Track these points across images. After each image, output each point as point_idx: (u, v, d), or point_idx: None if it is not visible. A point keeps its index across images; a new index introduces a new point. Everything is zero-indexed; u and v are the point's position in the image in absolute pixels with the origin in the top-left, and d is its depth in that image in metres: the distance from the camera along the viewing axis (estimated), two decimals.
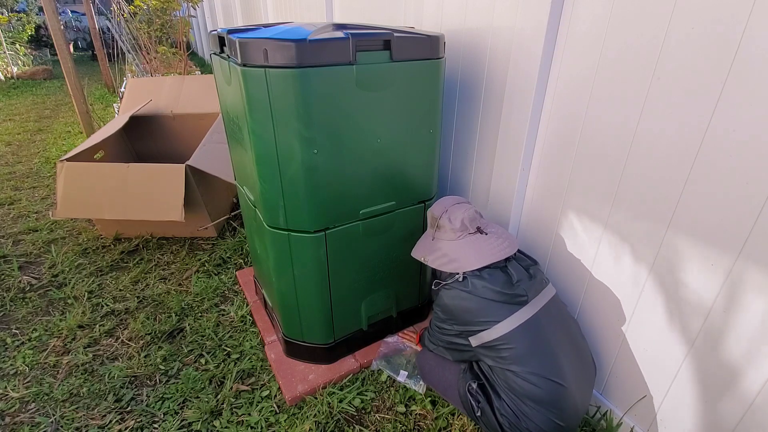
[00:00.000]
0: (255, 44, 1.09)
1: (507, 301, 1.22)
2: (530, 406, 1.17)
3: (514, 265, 1.27)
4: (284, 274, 1.47)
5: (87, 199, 2.28)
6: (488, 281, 1.23)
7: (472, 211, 1.35)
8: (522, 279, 1.24)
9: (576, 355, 1.27)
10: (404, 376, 1.60)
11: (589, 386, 1.30)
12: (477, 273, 1.26)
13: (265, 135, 1.21)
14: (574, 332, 1.31)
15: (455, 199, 1.41)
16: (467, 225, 1.32)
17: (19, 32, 9.16)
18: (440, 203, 1.42)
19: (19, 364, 1.73)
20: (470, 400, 1.29)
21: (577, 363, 1.26)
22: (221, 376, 1.66)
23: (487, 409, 1.25)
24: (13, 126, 5.09)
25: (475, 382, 1.30)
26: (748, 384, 1.02)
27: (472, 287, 1.24)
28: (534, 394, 1.17)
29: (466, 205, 1.38)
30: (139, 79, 3.31)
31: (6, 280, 2.24)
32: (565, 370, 1.20)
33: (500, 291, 1.21)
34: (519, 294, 1.22)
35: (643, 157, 1.11)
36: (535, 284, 1.27)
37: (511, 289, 1.22)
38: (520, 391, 1.18)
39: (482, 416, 1.26)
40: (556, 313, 1.28)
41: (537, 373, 1.17)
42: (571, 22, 1.21)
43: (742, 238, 0.94)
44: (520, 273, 1.25)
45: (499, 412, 1.22)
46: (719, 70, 0.91)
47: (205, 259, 2.42)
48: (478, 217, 1.37)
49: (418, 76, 1.32)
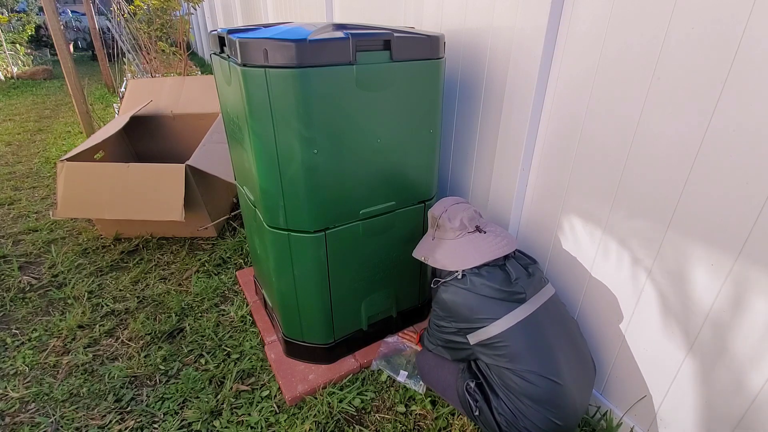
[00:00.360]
0: (255, 44, 1.09)
1: (505, 299, 1.22)
2: (527, 404, 1.17)
3: (512, 264, 1.28)
4: (284, 274, 1.47)
5: (87, 199, 2.28)
6: (487, 279, 1.24)
7: (471, 211, 1.37)
8: (520, 277, 1.25)
9: (575, 354, 1.27)
10: (404, 376, 1.61)
11: (589, 386, 1.30)
12: (476, 270, 1.27)
13: (265, 135, 1.21)
14: (573, 332, 1.31)
15: (455, 200, 1.43)
16: (466, 224, 1.34)
17: (19, 32, 9.16)
18: (440, 203, 1.44)
19: (19, 364, 1.73)
20: (468, 400, 1.29)
21: (576, 362, 1.26)
22: (221, 376, 1.66)
23: (485, 408, 1.25)
24: (13, 126, 5.09)
25: (473, 381, 1.30)
26: (748, 384, 1.02)
27: (470, 284, 1.24)
28: (531, 393, 1.17)
29: (466, 204, 1.41)
30: (140, 80, 3.32)
31: (6, 280, 2.24)
32: (563, 369, 1.20)
33: (498, 288, 1.22)
34: (517, 291, 1.22)
35: (643, 157, 1.11)
36: (534, 282, 1.27)
37: (510, 286, 1.23)
38: (517, 390, 1.19)
39: (480, 415, 1.27)
40: (554, 312, 1.29)
41: (534, 371, 1.17)
42: (571, 22, 1.21)
43: (742, 238, 0.94)
44: (518, 271, 1.26)
45: (496, 411, 1.22)
46: (719, 70, 0.91)
47: (205, 259, 2.42)
48: (477, 216, 1.38)
49: (418, 76, 1.32)
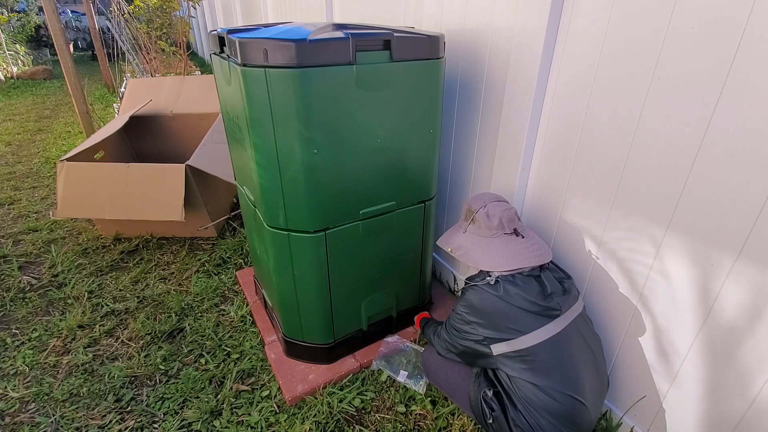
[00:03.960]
0: (255, 44, 1.09)
1: (539, 313, 1.15)
2: (548, 420, 1.13)
3: (548, 276, 1.20)
4: (284, 274, 1.47)
5: (87, 199, 2.28)
6: (522, 289, 1.16)
7: (512, 212, 1.29)
8: (555, 291, 1.18)
9: (595, 371, 1.22)
10: (404, 376, 1.60)
11: (602, 402, 1.27)
12: (510, 278, 1.19)
13: (265, 135, 1.21)
14: (596, 349, 1.26)
15: (495, 196, 1.36)
16: (504, 224, 1.26)
17: (19, 32, 9.16)
18: (479, 197, 1.36)
19: (19, 364, 1.73)
20: (483, 408, 1.24)
21: (596, 379, 1.22)
22: (221, 376, 1.66)
23: (501, 418, 1.19)
24: (13, 126, 5.09)
25: (491, 389, 1.24)
26: (748, 384, 1.01)
27: (504, 292, 1.17)
28: (553, 409, 1.12)
29: (507, 204, 1.33)
30: (139, 80, 3.31)
31: (6, 280, 2.24)
32: (586, 388, 1.16)
33: (533, 301, 1.15)
34: (552, 308, 1.15)
35: (643, 156, 1.11)
36: (569, 300, 1.20)
37: (545, 300, 1.15)
38: (539, 404, 1.13)
39: (494, 424, 1.22)
40: (583, 329, 1.24)
41: (558, 389, 1.13)
42: (571, 22, 1.21)
43: (742, 238, 0.94)
44: (553, 285, 1.19)
45: (513, 423, 1.17)
46: (719, 70, 0.91)
47: (205, 259, 2.42)
48: (517, 219, 1.30)
49: (418, 76, 1.32)
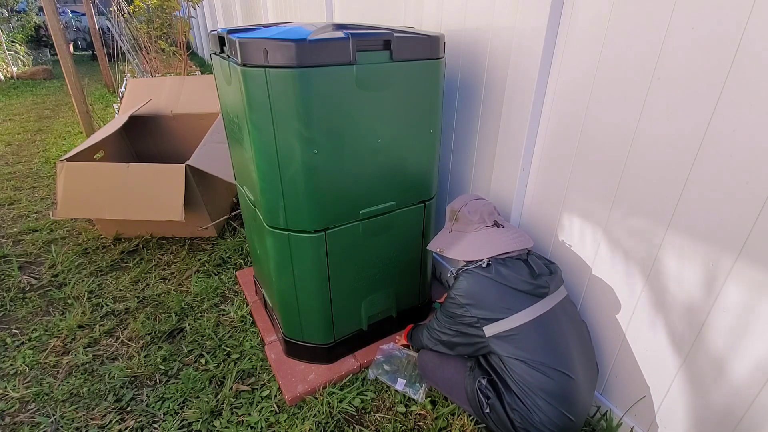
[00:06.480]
0: (255, 44, 1.09)
1: (530, 291, 1.23)
2: (543, 398, 1.17)
3: (534, 260, 1.30)
4: (284, 274, 1.47)
5: (87, 199, 2.28)
6: (512, 270, 1.25)
7: (491, 207, 1.42)
8: (543, 273, 1.26)
9: (584, 353, 1.28)
10: (402, 384, 1.58)
11: (593, 388, 1.31)
12: (501, 260, 1.28)
13: (265, 135, 1.21)
14: (583, 333, 1.33)
15: (474, 195, 1.48)
16: (485, 218, 1.37)
17: (19, 32, 9.16)
18: (460, 198, 1.48)
19: (19, 364, 1.73)
20: (479, 397, 1.28)
21: (585, 361, 1.27)
22: (221, 376, 1.66)
23: (497, 405, 1.24)
24: (13, 126, 5.09)
25: (485, 378, 1.29)
26: (748, 384, 1.02)
27: (495, 273, 1.25)
28: (547, 387, 1.17)
29: (485, 200, 1.45)
30: (139, 80, 3.31)
31: (6, 280, 2.24)
32: (576, 365, 1.22)
33: (524, 280, 1.23)
34: (542, 285, 1.23)
35: (643, 156, 1.11)
36: (555, 279, 1.28)
37: (535, 280, 1.24)
38: (533, 383, 1.18)
39: (491, 413, 1.25)
40: (570, 312, 1.31)
41: (550, 365, 1.18)
42: (571, 23, 1.21)
43: (743, 238, 0.94)
44: (541, 268, 1.28)
45: (510, 408, 1.21)
46: (719, 70, 0.91)
47: (205, 259, 2.42)
48: (496, 212, 1.42)
49: (418, 76, 1.32)
